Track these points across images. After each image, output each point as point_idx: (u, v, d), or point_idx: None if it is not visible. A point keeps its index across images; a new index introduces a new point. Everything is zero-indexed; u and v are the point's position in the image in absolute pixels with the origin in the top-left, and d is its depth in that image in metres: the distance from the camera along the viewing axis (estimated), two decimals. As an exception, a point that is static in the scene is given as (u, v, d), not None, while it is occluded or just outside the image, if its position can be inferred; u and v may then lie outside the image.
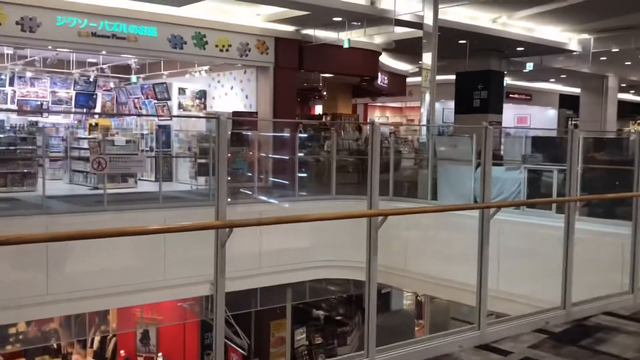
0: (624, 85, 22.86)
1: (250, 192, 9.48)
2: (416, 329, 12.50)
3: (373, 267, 3.43)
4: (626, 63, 19.23)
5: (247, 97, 12.96)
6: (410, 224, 8.71)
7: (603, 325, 4.21)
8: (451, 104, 18.66)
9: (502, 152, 11.33)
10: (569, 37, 15.00)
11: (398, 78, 19.06)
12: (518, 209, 8.38)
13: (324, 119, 19.68)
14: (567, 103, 25.54)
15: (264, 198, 9.54)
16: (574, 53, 15.37)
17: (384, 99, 24.59)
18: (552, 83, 24.03)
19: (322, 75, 15.88)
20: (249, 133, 11.94)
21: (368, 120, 3.24)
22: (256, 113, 12.51)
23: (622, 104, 24.06)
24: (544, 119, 26.14)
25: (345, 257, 9.17)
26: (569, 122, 25.38)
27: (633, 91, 26.11)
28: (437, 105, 24.02)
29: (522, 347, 3.65)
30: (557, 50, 15.31)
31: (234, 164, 11.88)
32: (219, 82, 13.70)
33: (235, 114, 12.44)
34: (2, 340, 9.44)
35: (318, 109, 22.08)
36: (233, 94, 13.33)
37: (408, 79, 19.62)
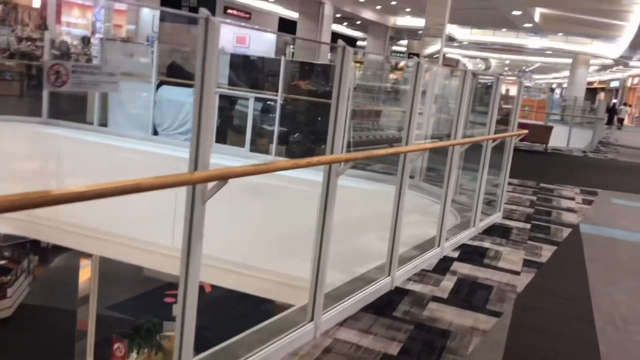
0: (339, 15, 22.99)
1: None
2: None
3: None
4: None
5: None
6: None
7: None
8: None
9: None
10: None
11: (94, -32, 15.53)
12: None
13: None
14: (287, 28, 24.94)
15: None
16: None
17: (85, -5, 20.48)
18: (272, 4, 22.98)
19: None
20: None
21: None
22: None
23: (336, 35, 24.40)
24: (263, 41, 25.10)
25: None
26: (287, 47, 24.96)
27: (346, 23, 26.78)
28: (147, 11, 21.01)
29: None
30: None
31: None
32: None
33: None
34: None
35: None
36: None
37: (108, -28, 16.18)
